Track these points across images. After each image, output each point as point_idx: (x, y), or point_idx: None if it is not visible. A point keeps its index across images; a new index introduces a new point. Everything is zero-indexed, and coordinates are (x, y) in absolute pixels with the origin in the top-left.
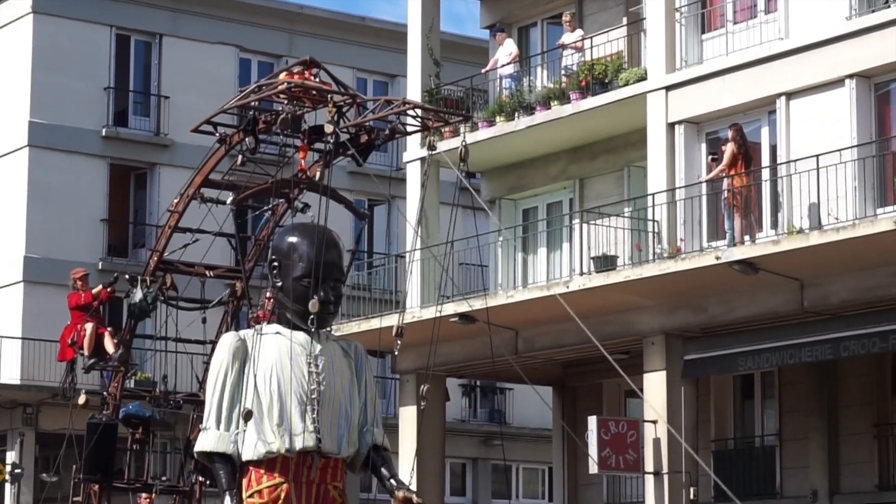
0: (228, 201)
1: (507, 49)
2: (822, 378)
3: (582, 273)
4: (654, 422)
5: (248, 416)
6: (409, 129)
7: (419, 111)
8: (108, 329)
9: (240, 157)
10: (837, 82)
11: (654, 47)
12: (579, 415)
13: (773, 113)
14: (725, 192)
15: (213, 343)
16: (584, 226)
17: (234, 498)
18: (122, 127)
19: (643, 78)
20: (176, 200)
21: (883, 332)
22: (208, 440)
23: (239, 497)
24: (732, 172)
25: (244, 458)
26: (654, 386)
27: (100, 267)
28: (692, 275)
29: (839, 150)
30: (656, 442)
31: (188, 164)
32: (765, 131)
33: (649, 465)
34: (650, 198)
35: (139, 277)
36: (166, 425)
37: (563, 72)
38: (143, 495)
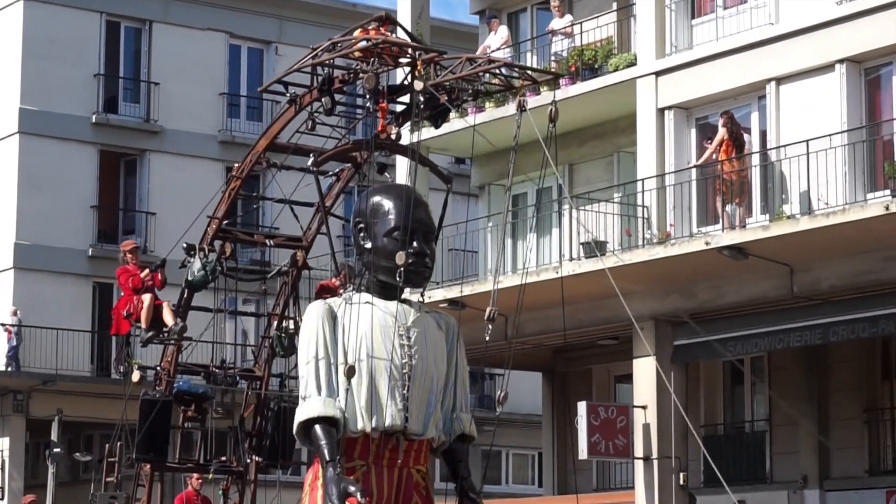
0: (309, 162)
1: (500, 35)
2: (812, 363)
3: (571, 259)
4: (644, 407)
5: (350, 372)
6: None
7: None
8: (167, 301)
9: (311, 120)
10: (827, 67)
11: (644, 33)
12: (569, 400)
13: (762, 98)
14: (717, 178)
15: (271, 315)
16: (574, 211)
17: (336, 469)
18: (112, 114)
19: (633, 63)
20: (238, 165)
21: (872, 317)
22: (313, 406)
23: (312, 477)
24: (723, 158)
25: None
26: (644, 371)
27: (90, 254)
28: (682, 260)
29: (829, 136)
30: (646, 427)
31: (178, 150)
32: (755, 117)
33: (639, 451)
34: (640, 183)
35: (197, 246)
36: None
37: (552, 57)
38: (195, 476)
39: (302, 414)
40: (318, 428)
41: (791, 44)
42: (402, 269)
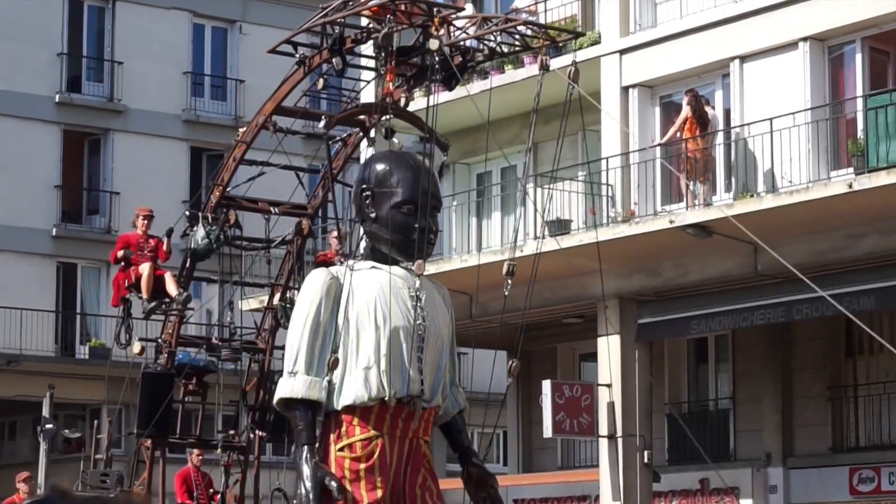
0: (321, 124)
1: (466, 13)
2: (776, 341)
3: (536, 237)
4: (609, 385)
5: (335, 363)
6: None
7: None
8: (169, 271)
9: (321, 80)
10: (791, 45)
11: (608, 11)
12: (534, 379)
13: (726, 76)
14: (681, 156)
15: (275, 286)
16: (538, 190)
17: (313, 454)
18: (76, 93)
19: (597, 42)
20: (243, 130)
21: (836, 295)
22: (297, 385)
23: (323, 451)
24: (687, 136)
25: (341, 403)
26: (609, 350)
27: (53, 233)
28: (646, 239)
29: (793, 114)
30: (610, 405)
31: (142, 130)
32: (718, 95)
33: (603, 429)
34: (604, 161)
35: (200, 214)
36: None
37: (516, 35)
38: (196, 451)
39: (285, 391)
40: (298, 410)
41: (754, 22)
42: (419, 262)
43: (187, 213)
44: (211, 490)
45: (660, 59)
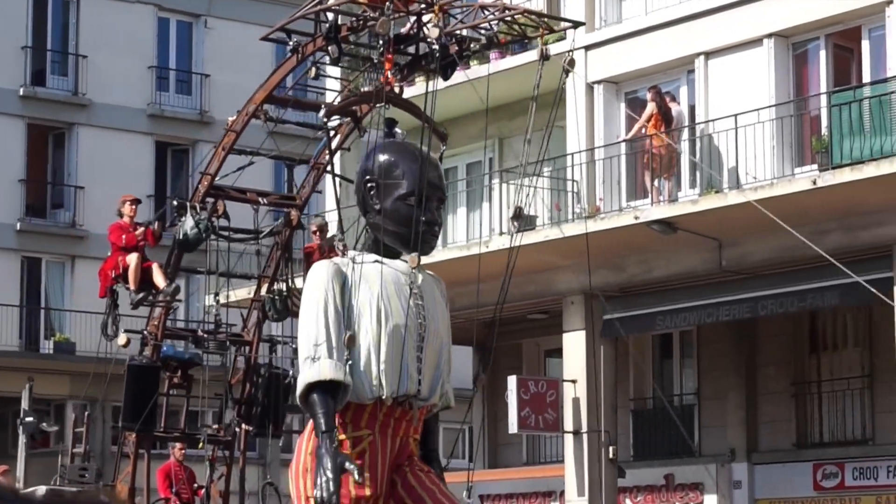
0: (321, 113)
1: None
2: (741, 337)
3: (501, 233)
4: (574, 381)
5: (351, 341)
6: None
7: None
8: (157, 262)
9: (313, 68)
10: (756, 42)
11: (574, 7)
12: (499, 375)
13: (691, 73)
14: (646, 152)
15: (262, 278)
16: (504, 185)
17: (333, 440)
18: (40, 87)
19: (562, 38)
20: (232, 119)
21: (801, 292)
22: (324, 368)
23: (311, 444)
24: (652, 132)
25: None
26: (574, 345)
27: (17, 228)
28: (611, 235)
29: (757, 110)
30: (576, 401)
31: (107, 123)
32: (683, 91)
33: (569, 425)
34: (569, 157)
35: (188, 204)
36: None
37: (482, 31)
38: (178, 445)
39: (312, 375)
40: (317, 394)
41: (719, 18)
42: (418, 255)
43: (175, 202)
44: (195, 485)
45: (625, 56)
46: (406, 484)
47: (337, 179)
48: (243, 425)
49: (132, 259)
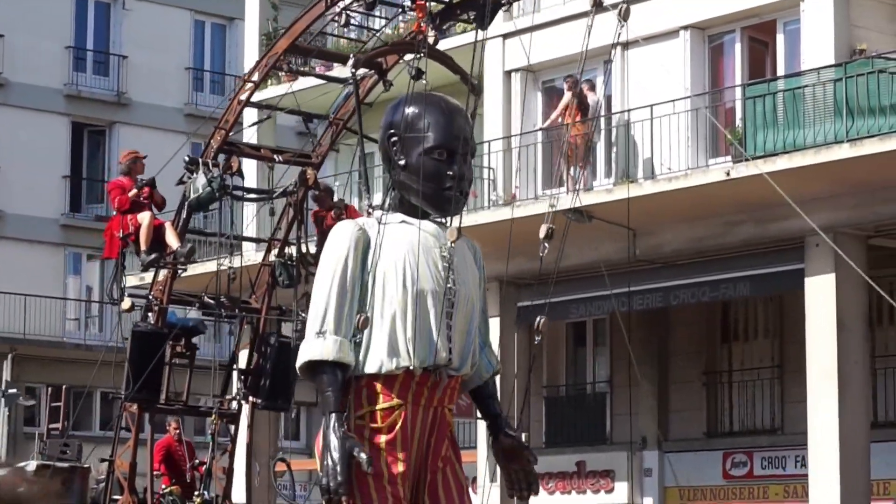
0: (349, 63)
1: None
2: (653, 326)
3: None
4: None
5: (364, 323)
6: None
7: None
8: (169, 221)
9: (343, 15)
10: (672, 33)
11: None
12: None
13: (608, 63)
14: (563, 142)
15: (272, 241)
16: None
17: (342, 422)
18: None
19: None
20: (251, 68)
21: (713, 282)
22: (327, 346)
23: (350, 419)
24: (568, 121)
25: (365, 370)
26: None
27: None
28: (527, 222)
29: (673, 101)
30: None
31: (23, 104)
32: (600, 81)
33: None
34: (486, 145)
35: (200, 160)
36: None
37: (401, 18)
38: (173, 424)
39: (314, 352)
40: (326, 373)
41: (637, 9)
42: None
43: (186, 157)
44: (196, 461)
45: (542, 44)
46: (432, 489)
47: (360, 137)
48: (251, 398)
49: (144, 217)
